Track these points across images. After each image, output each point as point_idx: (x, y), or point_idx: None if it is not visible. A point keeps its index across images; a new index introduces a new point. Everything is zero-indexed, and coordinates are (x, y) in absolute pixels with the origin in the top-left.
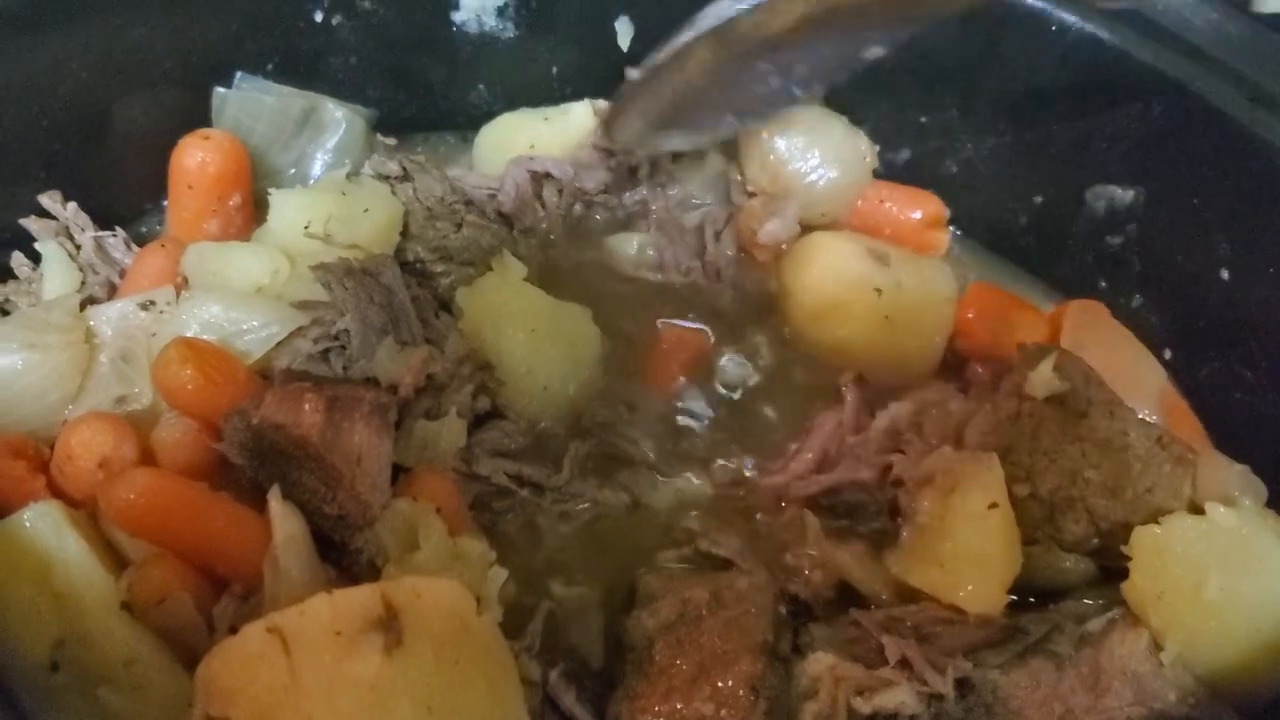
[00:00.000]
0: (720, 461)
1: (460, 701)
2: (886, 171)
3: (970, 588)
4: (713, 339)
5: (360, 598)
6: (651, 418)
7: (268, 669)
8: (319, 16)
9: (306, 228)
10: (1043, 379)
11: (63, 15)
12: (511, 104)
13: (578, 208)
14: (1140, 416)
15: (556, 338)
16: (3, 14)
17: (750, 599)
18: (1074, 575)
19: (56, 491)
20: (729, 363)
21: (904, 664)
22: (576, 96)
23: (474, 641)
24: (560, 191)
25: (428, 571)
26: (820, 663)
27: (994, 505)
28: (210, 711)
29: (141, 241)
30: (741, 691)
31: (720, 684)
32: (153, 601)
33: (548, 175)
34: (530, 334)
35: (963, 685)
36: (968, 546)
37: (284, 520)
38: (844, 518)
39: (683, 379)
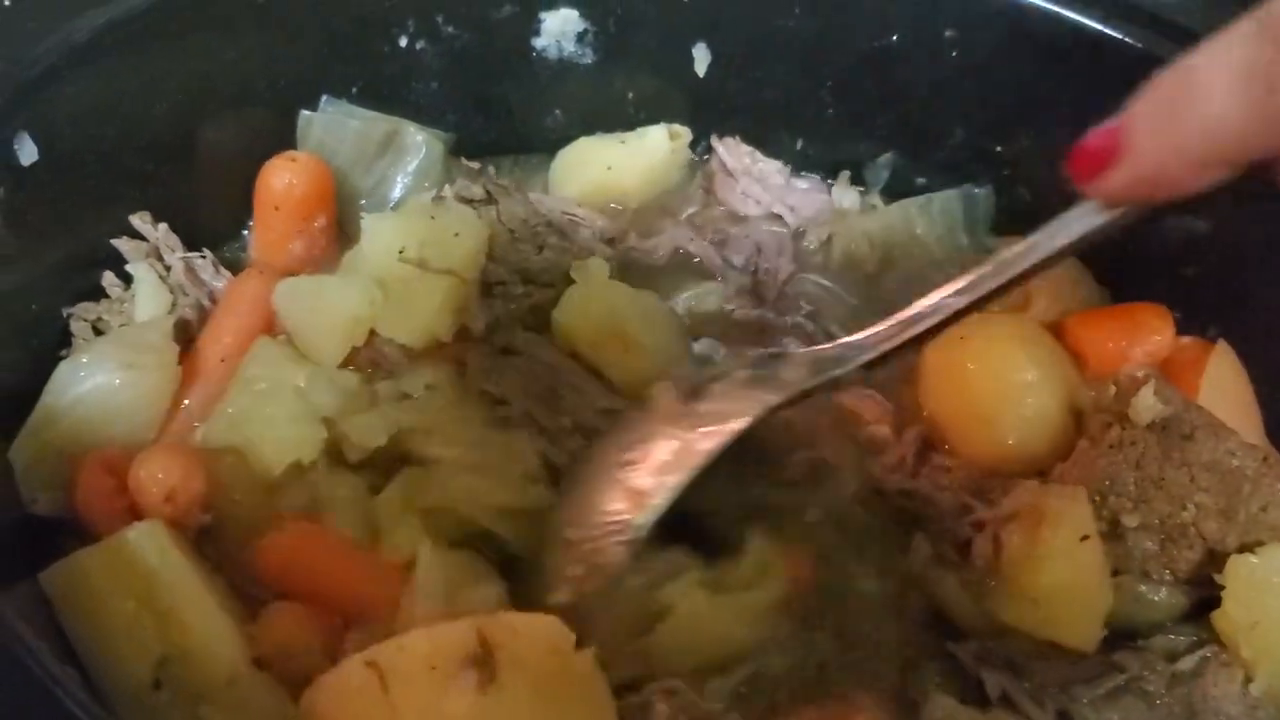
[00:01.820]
0: None
1: None
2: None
3: (1067, 623)
4: None
5: (457, 633)
6: None
7: (367, 704)
8: (403, 41)
9: (401, 253)
10: (1145, 404)
11: (162, 36)
12: (587, 128)
13: None
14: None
15: (655, 318)
16: (107, 34)
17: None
18: (1162, 609)
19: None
20: None
21: (1005, 700)
22: (652, 121)
23: (572, 679)
24: None
25: None
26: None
27: (1085, 538)
28: None
29: (226, 263)
30: None
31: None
32: (278, 650)
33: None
34: (643, 317)
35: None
36: (1061, 581)
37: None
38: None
39: None
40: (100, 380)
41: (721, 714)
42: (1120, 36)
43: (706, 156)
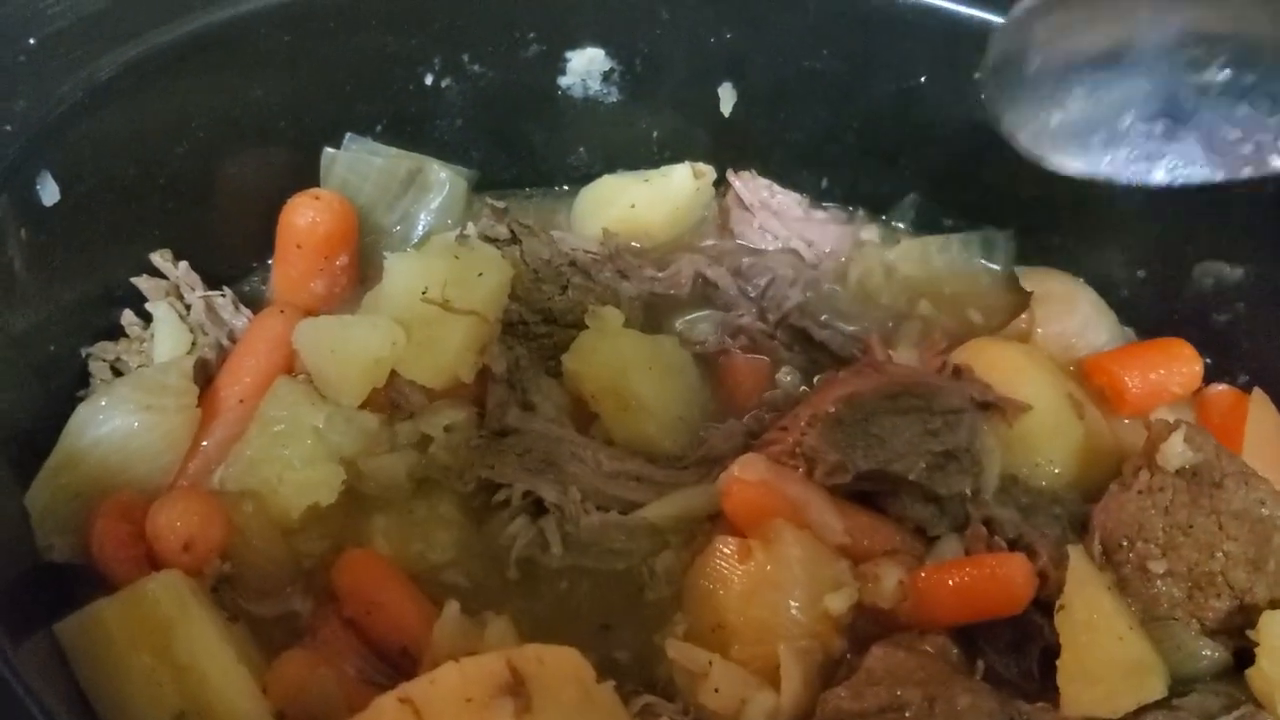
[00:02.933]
0: None
1: None
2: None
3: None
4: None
5: (487, 665)
6: None
7: None
8: (429, 80)
9: (424, 293)
10: (1175, 451)
11: (185, 75)
12: (610, 166)
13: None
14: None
15: (671, 369)
16: (130, 73)
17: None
18: (1206, 663)
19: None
20: None
21: None
22: (676, 160)
23: (597, 706)
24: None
25: None
26: None
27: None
28: None
29: (245, 299)
30: None
31: None
32: (294, 697)
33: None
34: (650, 371)
35: None
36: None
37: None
38: None
39: None
40: (119, 423)
41: None
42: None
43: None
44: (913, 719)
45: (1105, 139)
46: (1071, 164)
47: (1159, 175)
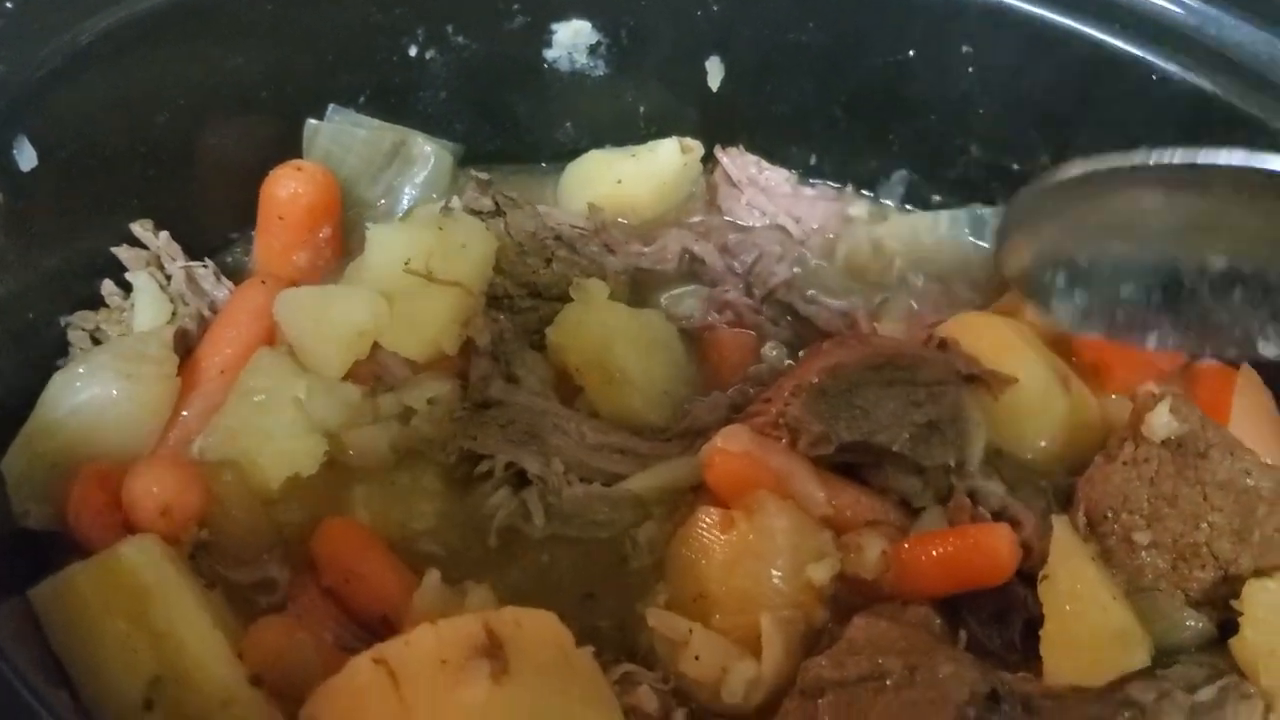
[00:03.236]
0: None
1: None
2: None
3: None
4: None
5: (464, 626)
6: None
7: (378, 702)
8: (413, 51)
9: (407, 264)
10: (1161, 421)
11: (166, 42)
12: (597, 141)
13: None
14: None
15: (656, 343)
16: (110, 39)
17: (941, 688)
18: (1191, 634)
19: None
20: None
21: None
22: (663, 135)
23: (576, 671)
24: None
25: None
26: None
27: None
28: None
29: (226, 272)
30: None
31: None
32: (270, 662)
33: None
34: (634, 344)
35: None
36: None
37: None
38: None
39: None
40: (97, 391)
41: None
42: (1140, 54)
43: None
44: (894, 687)
45: (1102, 301)
46: (1064, 318)
47: (1150, 342)
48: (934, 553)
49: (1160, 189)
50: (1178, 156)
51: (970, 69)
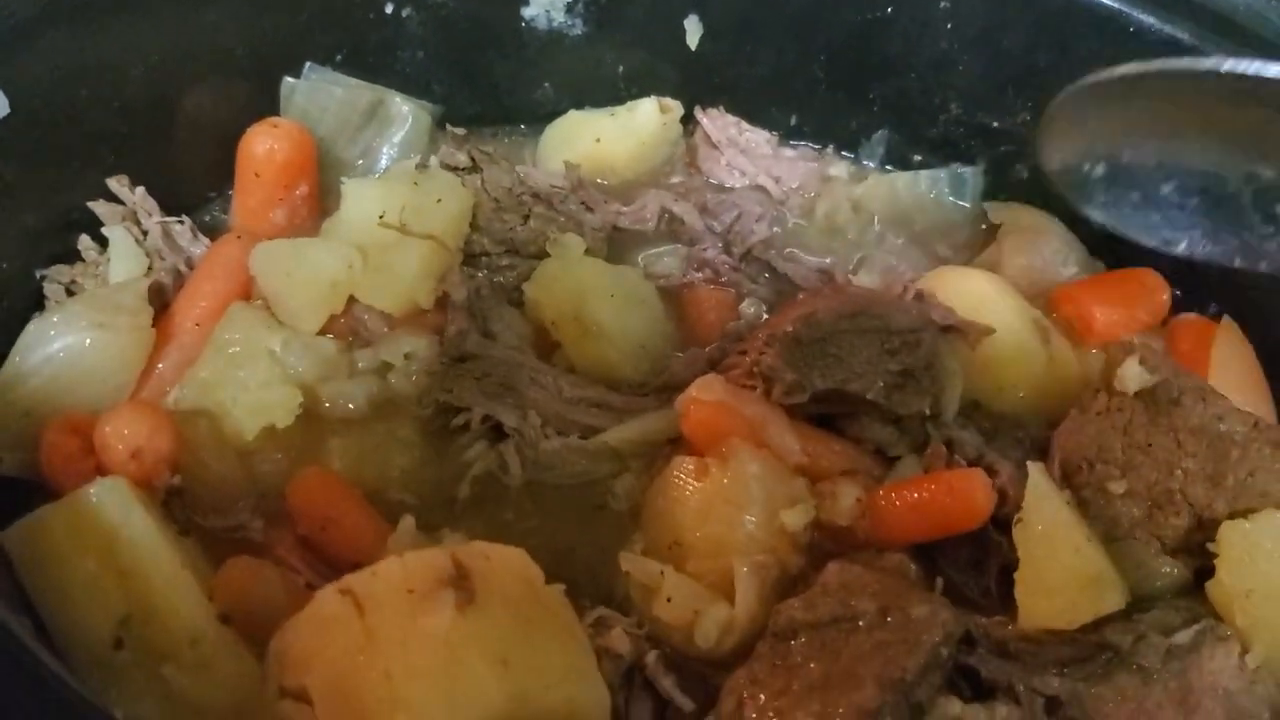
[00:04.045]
0: None
1: (533, 659)
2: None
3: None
4: None
5: (431, 558)
6: None
7: (342, 630)
8: (389, 9)
9: (381, 217)
10: (1132, 373)
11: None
12: (577, 103)
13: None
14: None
15: (633, 299)
16: None
17: (914, 629)
18: (1167, 580)
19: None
20: None
21: (1009, 692)
22: (642, 95)
23: (544, 605)
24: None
25: None
26: (946, 710)
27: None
28: (285, 683)
29: (205, 229)
30: None
31: (829, 704)
32: (239, 600)
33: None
34: (612, 299)
35: (1051, 703)
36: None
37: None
38: None
39: None
40: (70, 340)
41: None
42: (1115, 5)
43: (692, 129)
44: (866, 628)
45: (1139, 200)
46: (1099, 215)
47: (1180, 247)
48: (909, 498)
49: (1222, 96)
50: (1250, 67)
51: (949, 25)
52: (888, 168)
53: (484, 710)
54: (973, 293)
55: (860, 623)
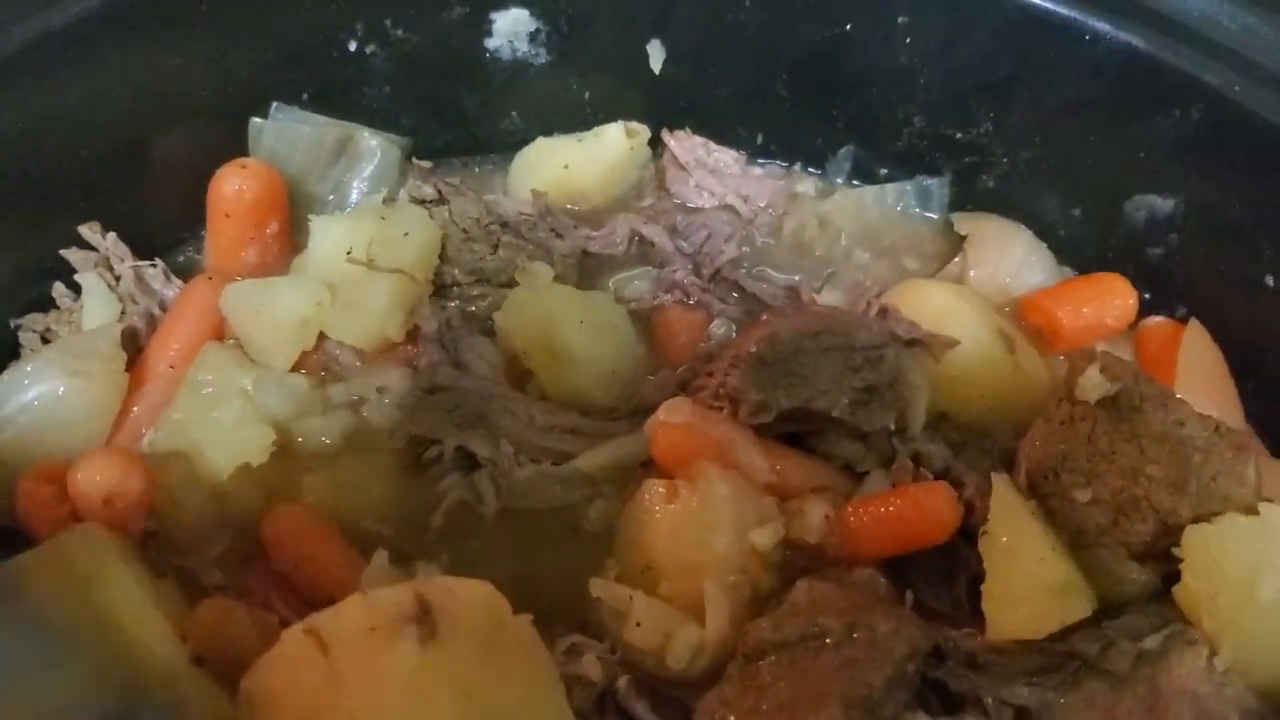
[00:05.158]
0: None
1: (498, 691)
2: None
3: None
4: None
5: (394, 595)
6: None
7: (308, 671)
8: (353, 46)
9: (349, 253)
10: (1092, 382)
11: (101, 45)
12: (545, 130)
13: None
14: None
15: (603, 324)
16: (40, 47)
17: (880, 646)
18: (1135, 587)
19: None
20: None
21: (978, 704)
22: (610, 120)
23: (510, 637)
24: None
25: None
26: None
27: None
28: None
29: (178, 271)
30: None
31: None
32: (212, 641)
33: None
34: (582, 326)
35: (1021, 713)
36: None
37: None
38: None
39: None
40: (44, 389)
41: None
42: (1069, 14)
43: (660, 151)
44: (833, 645)
45: None
46: None
47: None
48: (876, 513)
49: None
50: None
51: (907, 39)
52: (855, 182)
53: None
54: (937, 305)
55: (827, 640)
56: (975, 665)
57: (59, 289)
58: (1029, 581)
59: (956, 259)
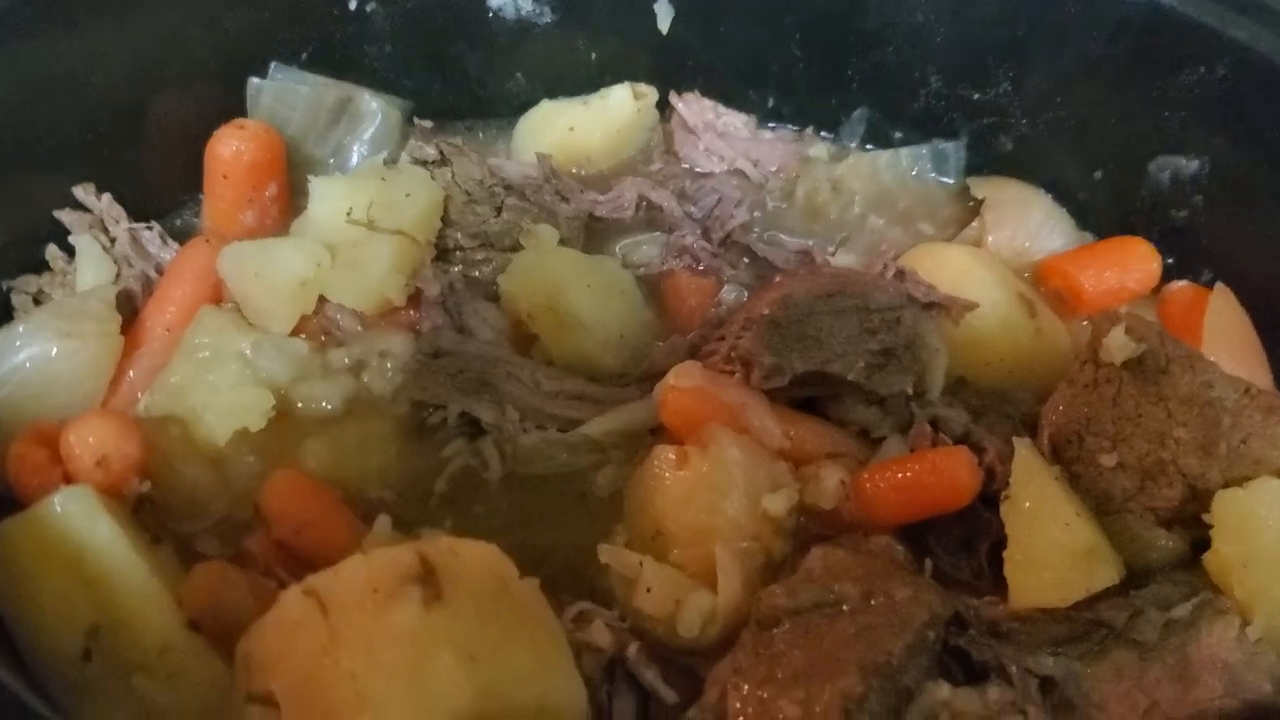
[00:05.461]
0: None
1: (503, 654)
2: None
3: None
4: None
5: (396, 555)
6: None
7: (307, 632)
8: (353, 4)
9: (349, 214)
10: (1118, 343)
11: (95, 4)
12: (550, 92)
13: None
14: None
15: (610, 288)
16: (33, 4)
17: (899, 612)
18: (1163, 554)
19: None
20: None
21: (1001, 673)
22: (616, 82)
23: (514, 600)
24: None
25: None
26: (935, 694)
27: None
28: (252, 688)
29: (176, 234)
30: (832, 708)
31: (813, 692)
32: (207, 606)
33: (657, 207)
34: (589, 289)
35: (1045, 683)
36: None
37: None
38: None
39: None
40: (36, 350)
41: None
42: None
43: (668, 114)
44: (850, 613)
45: None
46: None
47: None
48: (893, 479)
49: None
50: None
51: None
52: (868, 146)
53: (452, 706)
54: (955, 268)
55: (844, 607)
56: (998, 633)
57: (53, 251)
58: (1053, 547)
59: (974, 224)
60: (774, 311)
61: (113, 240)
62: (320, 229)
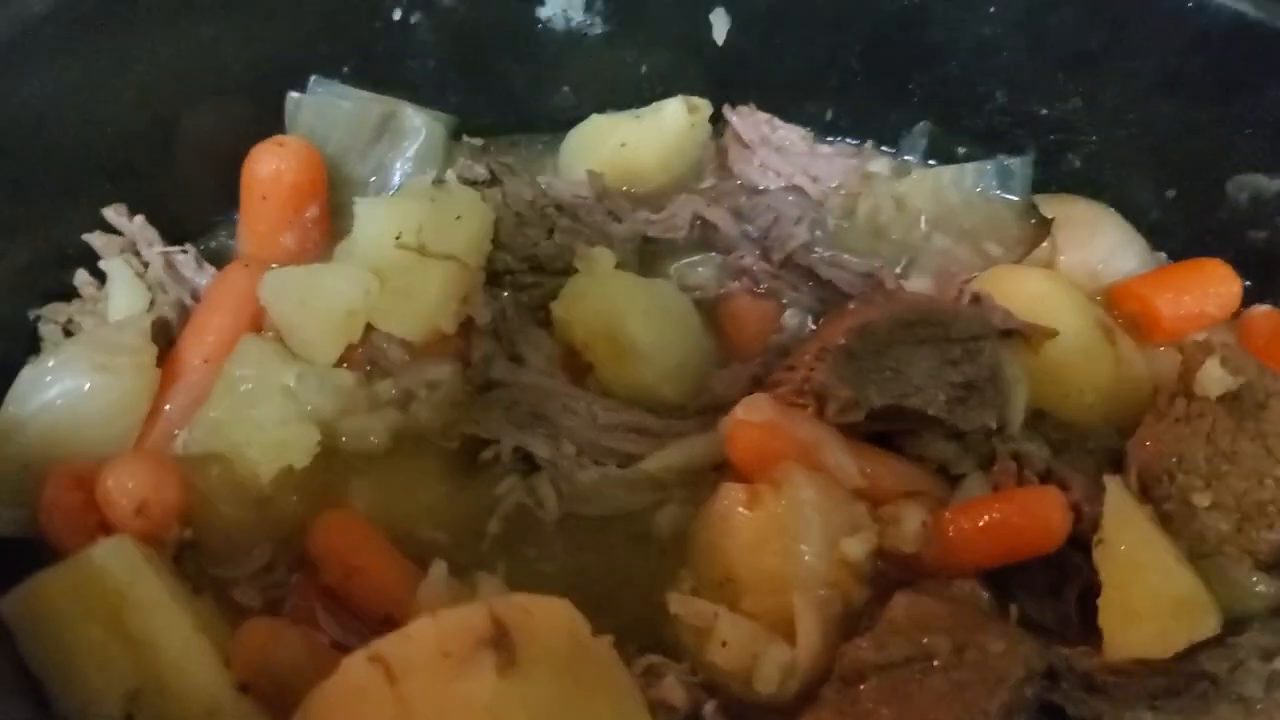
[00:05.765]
0: None
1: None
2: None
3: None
4: None
5: (467, 617)
6: None
7: (373, 702)
8: (396, 15)
9: (398, 238)
10: (1214, 377)
11: (127, 17)
12: (599, 106)
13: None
14: None
15: (669, 314)
16: (63, 16)
17: (993, 668)
18: (1260, 600)
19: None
20: None
21: None
22: (668, 95)
23: (592, 661)
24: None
25: None
26: None
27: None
28: None
29: (210, 257)
30: None
31: None
32: (259, 667)
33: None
34: (646, 316)
35: None
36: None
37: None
38: None
39: None
40: (69, 385)
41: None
42: None
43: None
44: (941, 668)
45: None
46: None
47: None
48: (978, 521)
49: None
50: None
51: (991, 8)
52: (930, 162)
53: None
54: (1030, 292)
55: (935, 662)
56: (1093, 687)
57: (82, 277)
58: (1152, 595)
59: (1044, 244)
60: (850, 341)
61: (146, 265)
62: (367, 254)
